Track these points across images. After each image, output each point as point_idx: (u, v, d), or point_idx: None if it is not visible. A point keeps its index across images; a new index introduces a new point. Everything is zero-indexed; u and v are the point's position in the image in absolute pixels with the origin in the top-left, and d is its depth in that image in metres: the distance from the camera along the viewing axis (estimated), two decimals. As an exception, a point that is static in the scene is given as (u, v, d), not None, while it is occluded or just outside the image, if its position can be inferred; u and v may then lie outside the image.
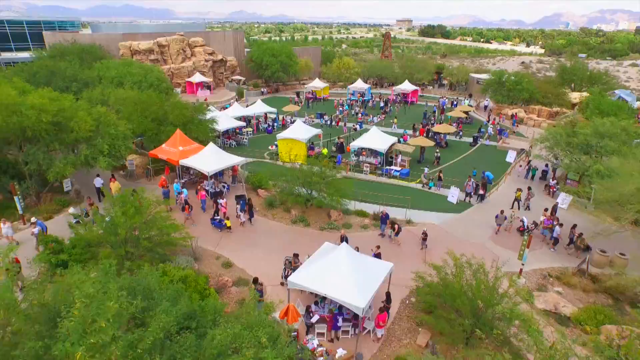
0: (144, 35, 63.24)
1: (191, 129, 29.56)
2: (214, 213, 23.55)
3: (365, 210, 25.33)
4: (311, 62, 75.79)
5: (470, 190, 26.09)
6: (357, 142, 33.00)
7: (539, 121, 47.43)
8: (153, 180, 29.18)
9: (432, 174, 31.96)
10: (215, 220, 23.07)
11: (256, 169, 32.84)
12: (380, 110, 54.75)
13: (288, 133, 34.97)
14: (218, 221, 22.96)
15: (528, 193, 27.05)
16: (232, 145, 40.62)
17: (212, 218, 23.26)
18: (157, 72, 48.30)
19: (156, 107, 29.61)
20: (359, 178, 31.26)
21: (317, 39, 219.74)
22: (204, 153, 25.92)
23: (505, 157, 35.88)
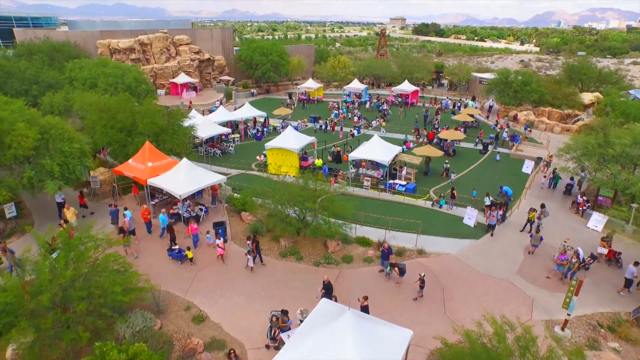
0: (125, 33, 58.81)
1: (165, 139, 25.43)
2: (170, 241, 19.59)
3: (369, 238, 21.40)
4: (304, 61, 71.75)
5: (494, 223, 22.16)
6: (356, 152, 29.06)
7: (551, 125, 43.80)
8: (120, 200, 25.02)
9: (441, 190, 28.13)
10: (174, 251, 19.08)
11: (242, 183, 28.85)
12: (378, 113, 50.85)
13: (278, 142, 30.96)
14: (177, 252, 18.98)
15: (542, 211, 23.31)
16: (216, 155, 36.55)
17: (170, 248, 19.27)
18: (135, 72, 44.00)
19: (124, 115, 25.42)
20: (358, 194, 27.32)
21: (311, 37, 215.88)
22: (177, 171, 21.80)
23: (522, 167, 32.19)
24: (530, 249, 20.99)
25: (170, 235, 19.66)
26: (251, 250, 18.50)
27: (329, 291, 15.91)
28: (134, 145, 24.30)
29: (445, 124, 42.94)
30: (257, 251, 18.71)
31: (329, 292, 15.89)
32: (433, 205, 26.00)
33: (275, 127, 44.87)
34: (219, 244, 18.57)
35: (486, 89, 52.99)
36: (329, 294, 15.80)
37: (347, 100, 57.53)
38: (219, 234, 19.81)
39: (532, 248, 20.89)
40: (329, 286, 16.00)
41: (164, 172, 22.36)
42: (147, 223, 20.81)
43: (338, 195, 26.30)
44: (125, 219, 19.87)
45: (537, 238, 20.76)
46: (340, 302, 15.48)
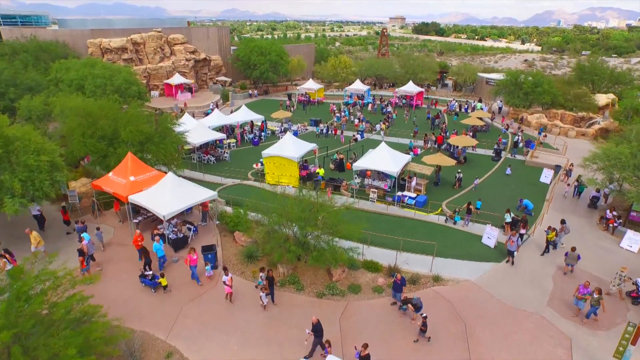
0: (117, 32, 56.39)
1: (150, 149, 22.97)
2: (144, 266, 17.21)
3: (378, 262, 18.97)
4: (304, 61, 69.32)
5: (514, 249, 19.43)
6: (362, 161, 26.62)
7: (565, 129, 41.36)
8: (101, 216, 22.58)
9: (455, 204, 25.72)
10: (146, 277, 16.68)
11: (237, 196, 26.40)
12: (382, 116, 48.41)
13: (276, 150, 28.53)
14: (150, 279, 16.58)
15: (561, 227, 20.94)
16: (210, 162, 34.13)
17: (142, 275, 16.86)
18: (125, 73, 41.53)
19: (106, 122, 22.98)
20: (364, 209, 24.88)
21: (310, 36, 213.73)
22: (162, 187, 19.33)
23: (539, 176, 29.79)
24: (566, 268, 18.84)
25: (145, 259, 17.25)
26: (263, 285, 15.97)
27: (318, 334, 13.58)
28: (116, 156, 21.84)
29: (453, 128, 40.50)
30: (270, 287, 16.06)
31: (318, 334, 13.57)
32: (447, 221, 23.58)
33: (274, 131, 42.49)
34: (226, 281, 15.92)
35: (494, 90, 50.55)
36: (319, 336, 13.52)
37: (348, 102, 55.07)
38: (207, 260, 17.40)
39: (568, 267, 18.75)
40: (318, 328, 13.61)
41: (147, 187, 19.94)
42: (139, 250, 18.13)
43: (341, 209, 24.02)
44: (83, 242, 17.38)
45: (574, 257, 18.50)
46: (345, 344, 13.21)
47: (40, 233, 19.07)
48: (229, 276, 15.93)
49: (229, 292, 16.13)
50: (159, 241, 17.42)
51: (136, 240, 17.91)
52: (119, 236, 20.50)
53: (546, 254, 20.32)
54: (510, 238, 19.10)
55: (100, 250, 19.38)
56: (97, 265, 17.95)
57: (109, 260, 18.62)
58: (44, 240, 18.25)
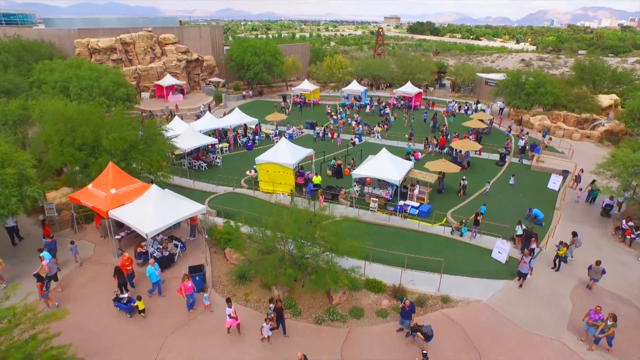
0: (105, 32, 54.48)
1: (135, 158, 21.30)
2: (119, 287, 15.62)
3: (381, 281, 17.44)
4: (299, 61, 67.69)
5: (526, 271, 17.65)
6: (361, 169, 25.07)
7: (570, 131, 40.09)
8: (80, 231, 20.89)
9: (460, 214, 24.26)
10: (121, 300, 15.08)
11: (228, 207, 24.79)
12: (380, 118, 46.95)
13: (270, 156, 26.94)
14: (125, 302, 14.99)
15: (573, 240, 19.57)
16: (201, 168, 32.49)
17: (116, 298, 15.26)
18: (113, 74, 39.76)
19: (87, 128, 21.29)
20: (363, 219, 23.36)
21: (305, 36, 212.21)
22: (145, 201, 17.69)
23: (546, 182, 28.42)
24: (590, 282, 17.64)
25: (119, 280, 15.61)
26: (271, 317, 14.33)
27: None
28: (97, 166, 20.15)
29: (455, 131, 39.08)
30: (279, 319, 14.41)
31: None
32: (452, 233, 22.12)
33: (268, 134, 40.88)
34: (231, 313, 14.26)
35: (495, 90, 49.24)
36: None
37: (345, 104, 53.56)
38: (195, 283, 15.79)
39: (592, 282, 17.57)
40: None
41: (132, 200, 18.31)
42: (129, 275, 16.42)
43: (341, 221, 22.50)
44: (43, 262, 15.72)
45: (598, 271, 17.26)
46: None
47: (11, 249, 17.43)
48: (232, 308, 14.29)
49: (232, 324, 14.41)
50: (153, 264, 15.66)
51: (124, 264, 16.13)
52: (100, 253, 18.84)
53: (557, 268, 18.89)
54: (522, 259, 17.49)
55: (77, 266, 17.81)
56: (59, 286, 16.26)
57: (85, 281, 16.97)
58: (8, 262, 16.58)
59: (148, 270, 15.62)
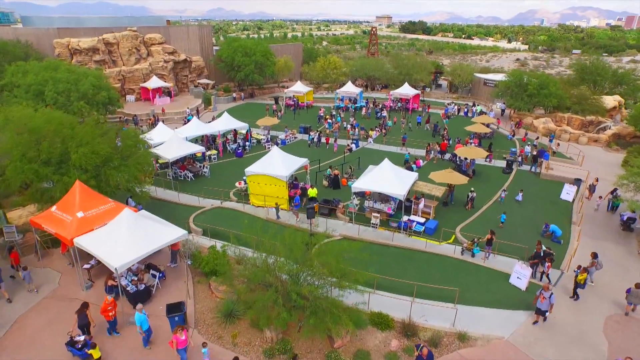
0: (87, 31, 51.72)
1: (109, 174, 18.86)
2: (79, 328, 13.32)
3: (388, 314, 15.28)
4: (291, 62, 65.38)
5: (545, 308, 15.05)
6: (362, 181, 22.82)
7: (576, 135, 38.27)
8: (46, 257, 18.42)
9: (468, 231, 22.17)
10: (75, 345, 12.77)
11: (215, 226, 22.51)
12: (377, 121, 44.84)
13: (261, 167, 24.67)
14: (79, 347, 12.68)
15: (593, 262, 17.60)
16: (187, 179, 30.13)
17: (70, 342, 12.93)
18: (93, 77, 37.15)
19: (54, 140, 18.86)
20: (364, 238, 21.18)
21: (297, 36, 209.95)
22: (116, 227, 15.30)
23: (559, 192, 26.48)
24: (629, 308, 15.87)
25: (79, 321, 13.26)
26: None
27: None
28: (63, 185, 17.71)
29: (457, 136, 37.09)
30: None
31: None
32: (463, 253, 20.05)
33: (260, 140, 38.57)
34: None
35: (496, 92, 47.37)
36: None
37: (339, 106, 51.36)
38: (173, 324, 13.48)
39: (630, 307, 15.86)
40: None
41: (102, 224, 15.94)
42: (110, 322, 13.87)
43: (340, 241, 20.37)
44: None
45: (637, 295, 15.21)
46: None
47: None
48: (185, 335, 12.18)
49: None
50: (141, 311, 13.22)
51: (106, 309, 13.46)
52: (66, 285, 16.43)
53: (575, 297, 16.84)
54: (541, 293, 15.16)
55: (33, 293, 15.47)
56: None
57: (45, 322, 14.56)
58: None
59: (137, 318, 13.06)
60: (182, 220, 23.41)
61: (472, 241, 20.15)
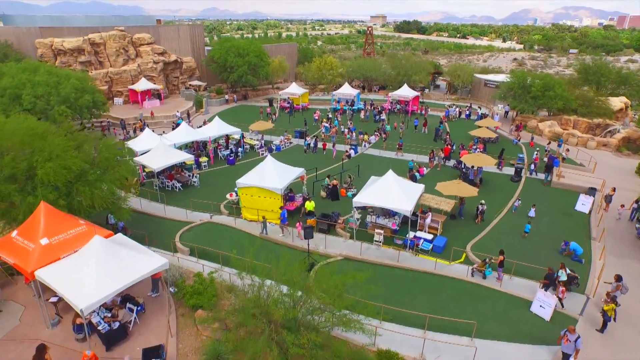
0: (72, 31, 49.41)
1: (82, 192, 16.79)
2: None
3: (398, 352, 13.40)
4: (286, 62, 63.41)
5: (571, 352, 13.08)
6: (364, 195, 20.84)
7: (584, 139, 36.60)
8: (9, 287, 16.33)
9: (480, 249, 20.35)
10: None
11: (204, 239, 20.55)
12: (376, 124, 42.96)
13: (253, 178, 22.71)
14: None
15: (618, 286, 15.86)
16: (175, 189, 28.11)
17: None
18: (75, 80, 35.03)
19: (21, 152, 16.79)
20: (367, 259, 19.29)
21: (292, 35, 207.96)
22: (85, 257, 13.26)
23: (573, 202, 24.75)
24: None
25: None
26: None
27: None
28: (27, 206, 15.61)
29: (459, 141, 35.31)
30: None
31: None
32: (473, 274, 18.24)
33: (253, 145, 36.57)
34: None
35: (499, 93, 45.68)
36: None
37: (336, 109, 49.46)
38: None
39: None
40: None
41: (72, 252, 13.93)
42: None
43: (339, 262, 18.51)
44: None
45: None
46: None
47: None
48: None
49: None
50: None
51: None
52: (29, 323, 14.37)
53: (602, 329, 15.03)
54: (566, 334, 13.21)
55: None
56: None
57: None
58: None
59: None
60: (167, 237, 21.53)
61: (484, 262, 18.33)
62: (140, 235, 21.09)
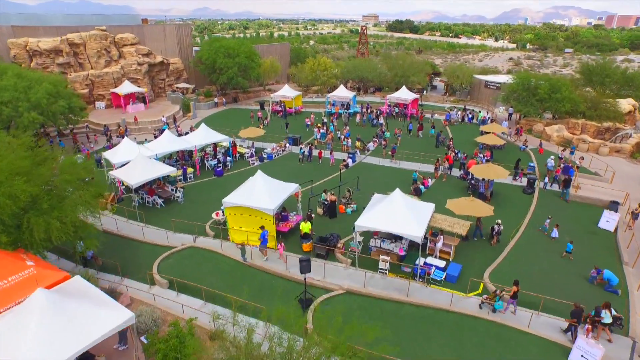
0: (49, 30, 46.33)
1: (34, 223, 14.08)
2: None
3: None
4: (278, 63, 60.77)
5: None
6: (368, 218, 18.15)
7: (596, 144, 34.46)
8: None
9: (498, 278, 17.94)
10: None
11: (186, 269, 17.95)
12: (373, 129, 40.53)
13: (241, 197, 20.10)
14: None
15: None
16: (156, 205, 25.44)
17: None
18: (48, 84, 32.25)
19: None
20: (372, 293, 16.81)
21: (284, 35, 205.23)
22: (22, 318, 10.55)
23: (594, 217, 22.50)
24: None
25: None
26: None
27: None
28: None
29: (464, 148, 32.98)
30: None
31: None
32: (481, 306, 15.93)
33: (243, 154, 33.95)
34: None
35: (503, 96, 43.50)
36: None
37: (330, 112, 46.94)
38: None
39: None
40: None
41: (13, 305, 11.27)
42: None
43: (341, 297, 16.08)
44: None
45: None
46: None
47: None
48: None
49: None
50: None
51: None
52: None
53: None
54: None
55: None
56: None
57: None
58: None
59: None
60: (144, 265, 18.95)
61: (494, 293, 15.99)
62: (113, 265, 18.50)
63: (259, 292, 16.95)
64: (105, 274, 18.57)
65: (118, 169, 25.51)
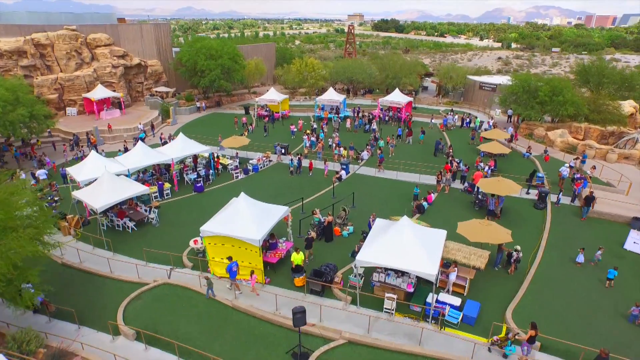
0: (11, 29, 42.58)
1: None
2: None
3: None
4: (263, 64, 57.81)
5: None
6: (370, 252, 15.28)
7: (603, 151, 32.49)
8: None
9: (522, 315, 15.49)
10: None
11: (158, 313, 15.09)
12: (365, 133, 37.95)
13: (222, 225, 17.24)
14: None
15: None
16: (127, 229, 22.41)
17: None
18: (5, 90, 28.93)
19: None
20: (379, 344, 14.17)
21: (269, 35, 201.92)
22: None
23: (622, 240, 20.27)
24: None
25: None
26: None
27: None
28: None
29: (462, 158, 30.55)
30: None
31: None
32: (490, 349, 13.53)
33: (226, 165, 31.03)
34: None
35: (501, 98, 41.38)
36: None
37: (319, 117, 44.26)
38: None
39: None
40: None
41: None
42: None
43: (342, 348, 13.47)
44: None
45: None
46: None
47: None
48: None
49: None
50: None
51: None
52: None
53: None
54: None
55: None
56: None
57: None
58: None
59: None
60: (108, 309, 16.02)
61: (506, 336, 13.58)
62: (67, 313, 15.49)
63: (245, 343, 14.22)
64: (59, 321, 15.60)
65: (82, 189, 22.40)
